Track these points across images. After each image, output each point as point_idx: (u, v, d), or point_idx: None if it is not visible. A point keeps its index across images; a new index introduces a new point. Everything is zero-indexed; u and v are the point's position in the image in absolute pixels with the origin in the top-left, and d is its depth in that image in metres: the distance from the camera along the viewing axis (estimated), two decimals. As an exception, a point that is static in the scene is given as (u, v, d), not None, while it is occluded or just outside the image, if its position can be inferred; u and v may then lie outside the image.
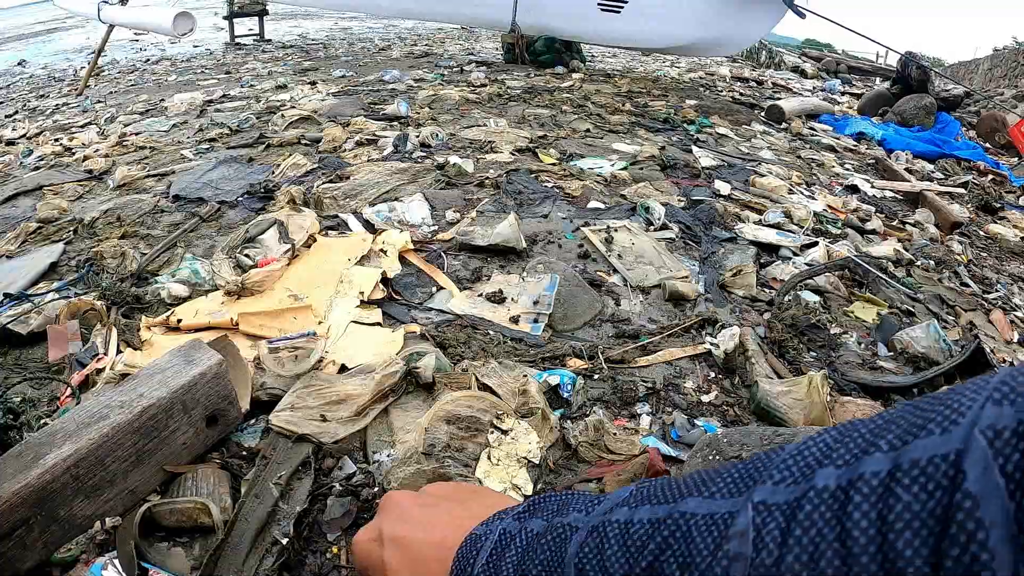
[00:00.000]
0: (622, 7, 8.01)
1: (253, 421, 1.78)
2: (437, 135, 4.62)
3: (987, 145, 7.53)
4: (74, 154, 4.86)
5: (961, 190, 5.10)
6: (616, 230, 3.10)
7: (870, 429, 0.39)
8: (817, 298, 2.76)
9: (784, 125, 6.63)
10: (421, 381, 1.89)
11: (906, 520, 0.32)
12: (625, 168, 4.22)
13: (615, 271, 2.80)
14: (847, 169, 5.32)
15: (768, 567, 0.37)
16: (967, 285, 3.22)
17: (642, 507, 0.49)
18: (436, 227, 3.15)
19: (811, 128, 6.75)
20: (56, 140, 5.50)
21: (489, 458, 1.61)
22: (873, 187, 4.81)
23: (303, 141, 4.65)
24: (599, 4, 8.16)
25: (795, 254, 3.15)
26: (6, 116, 7.83)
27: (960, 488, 0.31)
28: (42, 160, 4.82)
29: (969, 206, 4.82)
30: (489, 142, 4.59)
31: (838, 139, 6.45)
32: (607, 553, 0.48)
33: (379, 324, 2.26)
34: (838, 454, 0.39)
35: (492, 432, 1.66)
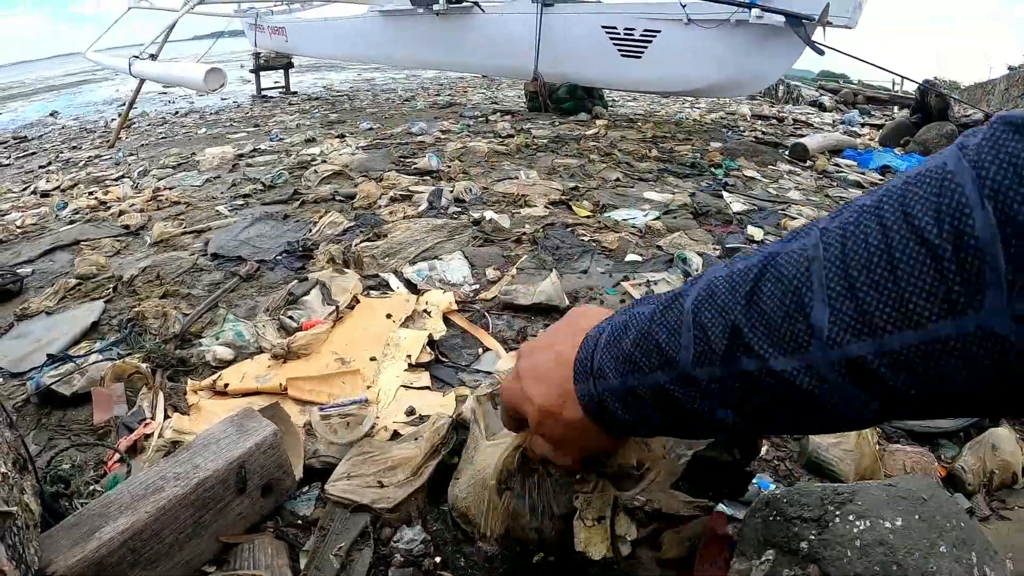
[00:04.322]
0: (643, 53, 8.11)
1: (306, 489, 1.76)
2: (471, 190, 4.65)
3: (1008, 167, 7.46)
4: (109, 208, 4.94)
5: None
6: (656, 283, 3.09)
7: None
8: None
9: (809, 163, 6.61)
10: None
11: (919, 197, 0.49)
12: (658, 218, 4.22)
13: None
14: (875, 206, 5.26)
15: (837, 255, 0.53)
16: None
17: (737, 263, 0.63)
18: (477, 285, 3.14)
19: (836, 164, 6.72)
20: (90, 194, 5.61)
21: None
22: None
23: (337, 197, 4.70)
24: (620, 51, 8.28)
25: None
26: (40, 167, 8.05)
27: (946, 171, 0.49)
28: (77, 214, 4.91)
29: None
30: (522, 195, 4.61)
31: (863, 174, 6.42)
32: (717, 292, 0.61)
33: (428, 388, 2.25)
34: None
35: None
